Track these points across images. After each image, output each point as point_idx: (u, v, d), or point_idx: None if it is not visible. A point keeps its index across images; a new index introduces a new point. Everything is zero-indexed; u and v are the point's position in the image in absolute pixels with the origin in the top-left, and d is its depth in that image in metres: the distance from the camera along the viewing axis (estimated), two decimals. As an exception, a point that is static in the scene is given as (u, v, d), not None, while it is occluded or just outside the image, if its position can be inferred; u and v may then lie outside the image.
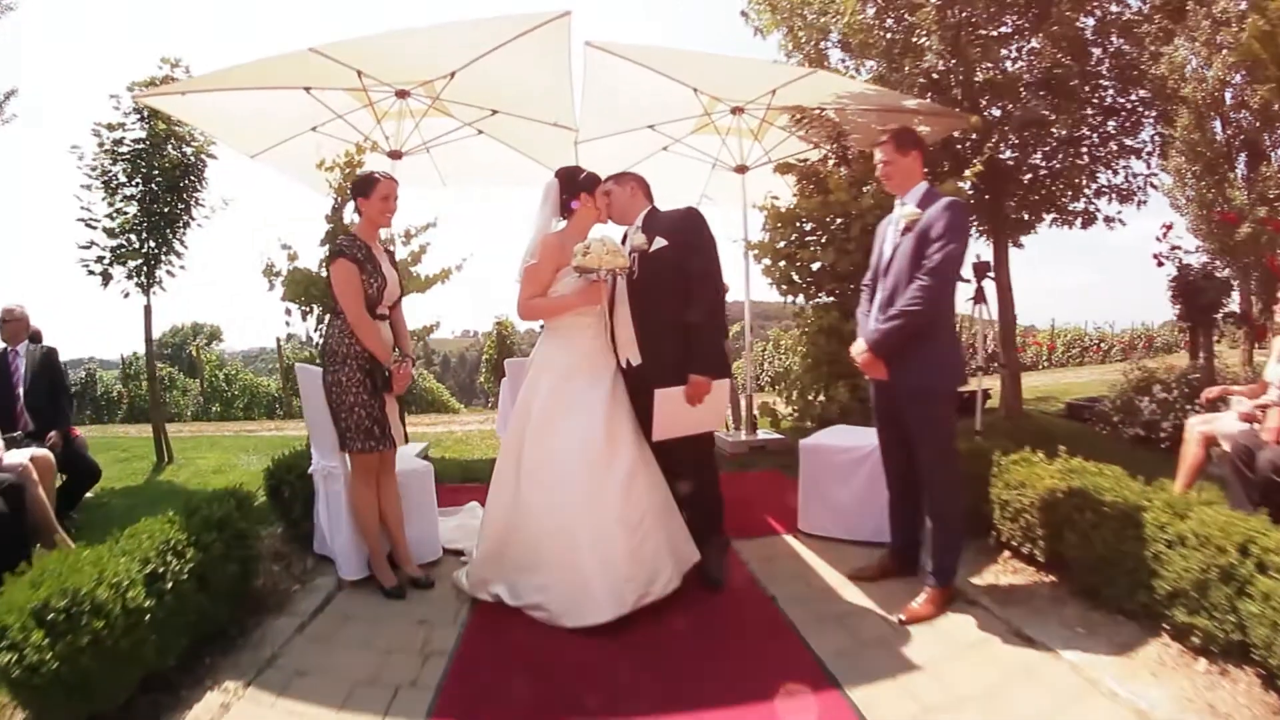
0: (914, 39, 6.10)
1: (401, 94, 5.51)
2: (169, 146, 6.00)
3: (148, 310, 6.24)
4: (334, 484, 3.32)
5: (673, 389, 3.08)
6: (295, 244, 5.34)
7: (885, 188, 3.09)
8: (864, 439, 3.79)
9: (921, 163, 3.04)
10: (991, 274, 6.03)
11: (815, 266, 5.25)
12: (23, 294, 5.68)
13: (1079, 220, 7.08)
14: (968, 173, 4.67)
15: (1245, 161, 10.33)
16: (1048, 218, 7.08)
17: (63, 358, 4.89)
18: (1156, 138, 7.07)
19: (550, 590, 2.88)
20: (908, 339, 2.89)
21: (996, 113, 6.66)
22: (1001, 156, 6.64)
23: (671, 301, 3.15)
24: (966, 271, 4.52)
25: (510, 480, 3.08)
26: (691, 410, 3.12)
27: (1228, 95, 10.92)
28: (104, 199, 5.92)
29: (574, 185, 3.29)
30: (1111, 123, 6.94)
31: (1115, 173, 6.94)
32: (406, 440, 3.52)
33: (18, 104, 11.43)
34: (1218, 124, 10.99)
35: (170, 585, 2.49)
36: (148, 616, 2.34)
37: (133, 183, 5.94)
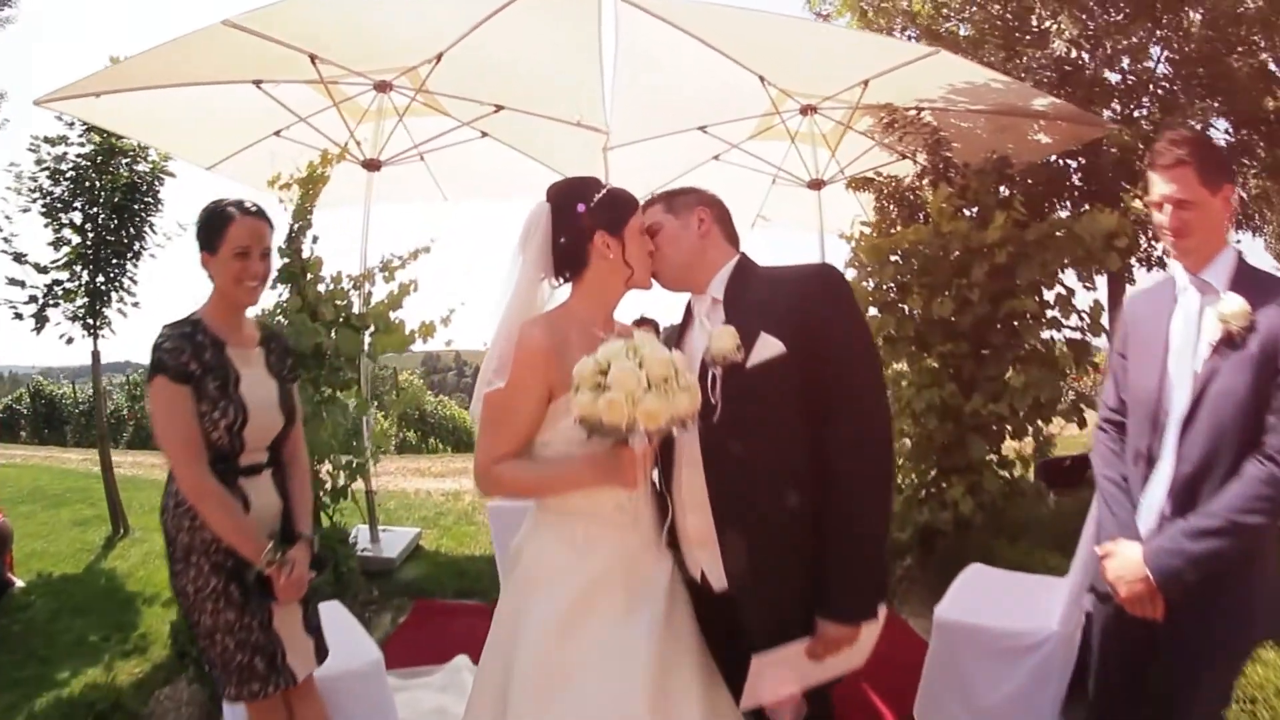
0: (1037, 23, 4.81)
1: (382, 87, 4.36)
2: (118, 164, 5.02)
3: (95, 356, 5.28)
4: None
5: (783, 650, 1.53)
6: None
7: (1172, 250, 1.67)
8: (1029, 615, 2.52)
9: (1231, 208, 1.67)
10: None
11: (915, 316, 3.93)
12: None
13: None
14: (1138, 203, 3.33)
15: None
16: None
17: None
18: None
19: None
20: (1223, 566, 1.56)
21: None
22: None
23: (790, 463, 1.54)
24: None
25: None
26: (815, 663, 1.58)
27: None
28: (46, 225, 4.96)
29: (581, 217, 1.62)
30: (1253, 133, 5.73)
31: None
32: (322, 658, 2.01)
33: (9, 109, 10.76)
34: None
35: None
36: None
37: (74, 206, 4.97)
